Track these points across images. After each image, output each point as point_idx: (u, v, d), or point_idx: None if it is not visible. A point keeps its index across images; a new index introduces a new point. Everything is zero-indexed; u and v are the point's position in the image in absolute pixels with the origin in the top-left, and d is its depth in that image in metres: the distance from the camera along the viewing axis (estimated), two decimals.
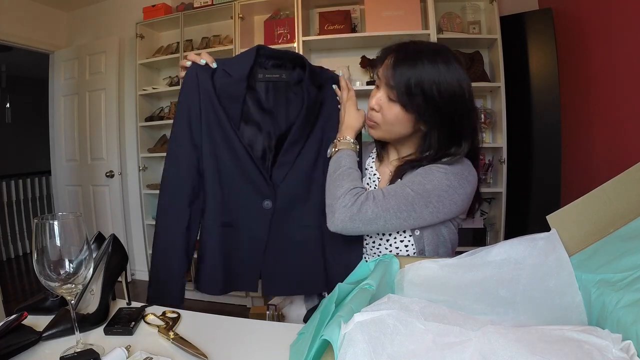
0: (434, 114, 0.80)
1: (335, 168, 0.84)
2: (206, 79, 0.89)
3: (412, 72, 0.77)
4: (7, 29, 2.93)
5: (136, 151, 3.02)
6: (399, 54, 0.81)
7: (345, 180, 0.81)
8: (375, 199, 0.78)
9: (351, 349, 0.40)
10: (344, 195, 0.78)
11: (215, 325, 0.74)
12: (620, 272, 0.52)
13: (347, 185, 0.80)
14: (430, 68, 0.77)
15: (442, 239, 0.86)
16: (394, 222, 0.79)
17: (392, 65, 0.80)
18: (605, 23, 1.99)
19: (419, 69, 0.77)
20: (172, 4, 2.93)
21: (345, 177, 0.81)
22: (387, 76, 0.80)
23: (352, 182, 0.81)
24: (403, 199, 0.78)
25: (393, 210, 0.77)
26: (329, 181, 0.84)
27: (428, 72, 0.77)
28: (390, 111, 0.82)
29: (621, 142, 1.91)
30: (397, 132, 0.86)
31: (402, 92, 0.78)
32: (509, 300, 0.62)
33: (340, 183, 0.81)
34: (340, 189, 0.79)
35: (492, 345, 0.40)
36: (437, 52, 0.80)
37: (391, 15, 2.36)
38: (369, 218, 0.77)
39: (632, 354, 0.40)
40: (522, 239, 0.66)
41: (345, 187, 0.79)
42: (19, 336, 0.62)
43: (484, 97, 2.54)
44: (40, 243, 0.56)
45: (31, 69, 4.12)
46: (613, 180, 0.59)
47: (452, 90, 0.78)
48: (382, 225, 0.79)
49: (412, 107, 0.79)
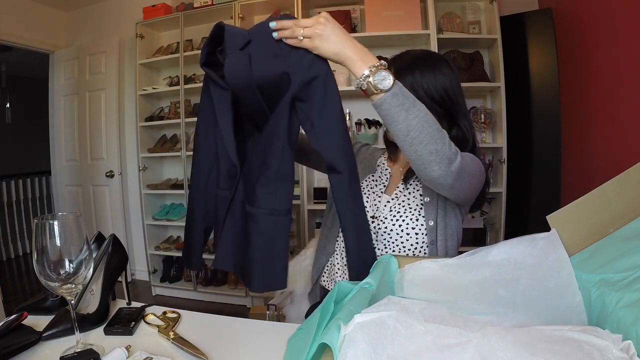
0: (438, 109, 0.86)
1: (414, 103, 0.67)
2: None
3: (412, 77, 0.84)
4: (7, 29, 2.93)
5: (136, 151, 3.02)
6: (397, 65, 0.87)
7: (438, 124, 0.69)
8: (459, 154, 0.72)
9: (351, 349, 0.40)
10: (451, 144, 0.70)
11: (215, 325, 0.74)
12: (620, 272, 0.52)
13: (439, 126, 0.69)
14: (427, 71, 0.85)
15: (450, 232, 0.90)
16: (465, 188, 0.78)
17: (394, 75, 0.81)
18: (605, 23, 1.99)
19: (417, 74, 0.84)
20: (172, 4, 2.93)
21: (436, 121, 0.69)
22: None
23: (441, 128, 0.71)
24: (468, 166, 0.76)
25: (466, 171, 0.75)
26: (420, 122, 0.66)
27: (425, 75, 0.85)
28: None
29: (621, 142, 1.91)
30: None
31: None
32: (509, 300, 0.62)
33: (436, 125, 0.68)
34: (442, 132, 0.69)
35: (492, 346, 0.40)
36: (427, 57, 0.88)
37: (391, 15, 2.35)
38: (459, 172, 0.72)
39: (632, 354, 0.40)
40: (522, 239, 0.66)
41: (447, 136, 0.70)
42: (19, 336, 0.62)
43: (484, 97, 2.54)
44: (40, 243, 0.56)
45: (31, 69, 4.12)
46: (613, 180, 0.59)
47: (446, 86, 0.86)
48: (458, 189, 0.76)
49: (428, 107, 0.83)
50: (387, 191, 0.96)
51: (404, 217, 0.90)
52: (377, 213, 0.94)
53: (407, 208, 0.91)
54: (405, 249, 0.90)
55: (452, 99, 0.87)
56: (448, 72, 0.87)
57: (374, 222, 0.93)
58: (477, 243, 2.38)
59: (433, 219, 0.89)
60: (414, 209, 0.91)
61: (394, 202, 0.93)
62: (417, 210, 0.90)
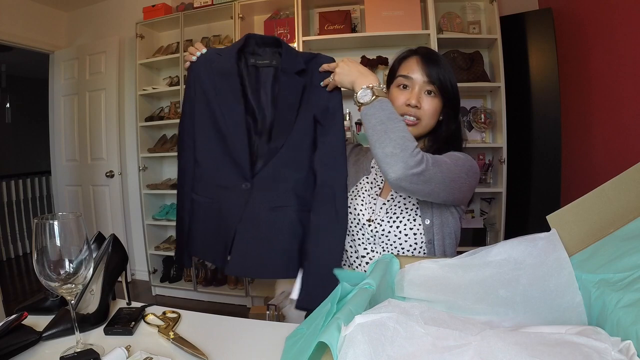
0: (453, 101, 0.94)
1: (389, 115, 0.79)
2: (207, 67, 0.95)
3: (439, 69, 0.91)
4: (7, 29, 2.93)
5: (136, 151, 3.02)
6: (423, 55, 0.93)
7: (407, 132, 0.78)
8: (433, 163, 0.78)
9: (352, 350, 0.40)
10: (414, 150, 0.76)
11: (215, 325, 0.74)
12: (620, 272, 0.52)
13: (412, 139, 0.77)
14: (447, 65, 0.92)
15: (447, 231, 0.90)
16: (441, 192, 0.82)
17: (424, 63, 0.91)
18: (605, 23, 1.99)
19: (442, 67, 0.91)
20: (172, 4, 2.93)
21: (407, 133, 0.78)
22: (425, 73, 0.91)
23: (412, 137, 0.78)
24: (448, 171, 0.81)
25: (444, 179, 0.80)
26: (384, 128, 0.78)
27: (447, 69, 0.92)
28: (430, 104, 0.92)
29: (621, 142, 1.91)
30: (431, 124, 0.94)
31: (440, 85, 0.90)
32: (509, 300, 0.62)
33: (405, 135, 0.77)
34: (409, 142, 0.76)
35: (492, 349, 0.40)
36: (440, 55, 0.98)
37: (391, 15, 2.35)
38: (427, 179, 0.77)
39: (632, 354, 0.40)
40: (522, 239, 0.66)
41: (412, 142, 0.77)
42: (19, 336, 0.62)
43: (484, 97, 2.54)
44: (40, 243, 0.56)
45: (31, 69, 4.12)
46: (613, 180, 0.59)
47: (454, 82, 0.93)
48: (429, 192, 0.80)
49: (446, 98, 0.92)
50: (382, 194, 0.96)
51: (401, 219, 0.90)
52: (373, 216, 0.93)
53: (403, 209, 0.91)
54: (404, 250, 0.90)
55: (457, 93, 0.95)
56: (450, 68, 0.94)
57: (371, 225, 0.93)
58: (477, 243, 2.38)
59: (429, 218, 0.89)
60: (410, 209, 0.91)
61: (390, 204, 0.92)
62: (413, 210, 0.90)
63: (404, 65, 0.94)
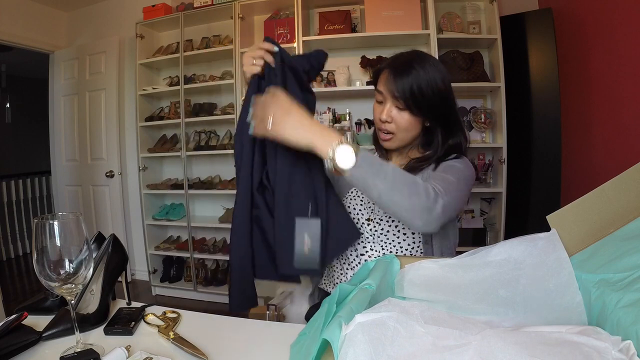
0: (433, 109, 0.89)
1: (379, 167, 0.71)
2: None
3: (409, 79, 0.85)
4: (7, 29, 2.93)
5: (136, 151, 3.02)
6: (393, 68, 0.88)
7: (410, 177, 0.73)
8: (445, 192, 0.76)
9: (352, 349, 0.40)
10: (425, 190, 0.72)
11: (215, 325, 0.74)
12: (620, 272, 0.52)
13: (412, 179, 0.73)
14: (422, 72, 0.86)
15: (444, 231, 0.91)
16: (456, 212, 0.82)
17: (392, 78, 0.87)
18: (605, 23, 1.99)
19: (414, 75, 0.85)
20: (172, 4, 2.93)
21: (408, 175, 0.74)
22: (391, 89, 0.87)
23: (416, 179, 0.74)
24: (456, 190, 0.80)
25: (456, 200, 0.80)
26: (387, 185, 0.70)
27: (421, 76, 0.86)
28: (401, 119, 0.89)
29: (621, 142, 1.91)
30: (410, 137, 0.93)
31: (407, 99, 0.86)
32: (509, 300, 0.62)
33: (407, 179, 0.72)
34: (415, 185, 0.72)
35: (492, 348, 0.40)
36: (421, 58, 0.89)
37: (391, 15, 2.35)
38: (445, 209, 0.74)
39: (632, 354, 0.40)
40: (522, 239, 0.66)
41: (416, 181, 0.73)
42: (19, 336, 0.62)
43: (484, 97, 2.54)
44: (40, 243, 0.56)
45: (31, 69, 4.12)
46: (613, 180, 0.60)
47: (439, 86, 0.87)
48: (450, 217, 0.79)
49: (418, 109, 0.88)
50: None
51: None
52: (372, 215, 0.94)
53: None
54: (402, 249, 0.90)
55: (450, 95, 0.90)
56: (442, 68, 0.90)
57: (370, 224, 0.93)
58: (477, 243, 2.38)
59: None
60: None
61: None
62: None
63: (380, 78, 0.92)
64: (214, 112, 2.83)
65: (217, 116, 2.77)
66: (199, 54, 2.78)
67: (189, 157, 2.91)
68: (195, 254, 2.87)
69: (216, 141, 2.90)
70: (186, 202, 2.88)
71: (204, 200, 3.05)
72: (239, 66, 2.59)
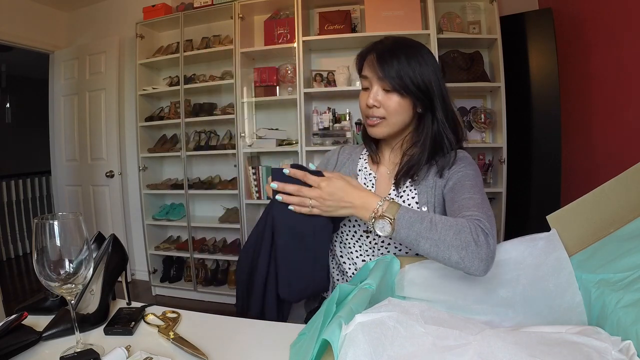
0: (423, 94, 0.84)
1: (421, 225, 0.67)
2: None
3: (395, 61, 0.82)
4: (7, 29, 2.93)
5: (136, 151, 3.02)
6: (378, 51, 0.85)
7: (453, 226, 0.67)
8: (488, 227, 0.69)
9: (352, 349, 0.40)
10: (471, 234, 0.65)
11: (215, 325, 0.74)
12: (620, 272, 0.52)
13: (456, 225, 0.67)
14: (410, 55, 0.83)
15: None
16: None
17: (377, 60, 0.84)
18: (605, 23, 1.99)
19: (402, 58, 0.83)
20: (172, 4, 2.93)
21: (451, 224, 0.68)
22: (376, 71, 0.84)
23: (459, 225, 0.67)
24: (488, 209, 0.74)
25: (493, 219, 0.73)
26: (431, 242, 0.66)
27: (409, 59, 0.83)
28: (390, 101, 0.85)
29: (621, 142, 1.91)
30: (401, 122, 0.88)
31: (393, 79, 0.82)
32: (509, 300, 0.62)
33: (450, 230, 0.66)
34: (461, 233, 0.66)
35: (492, 348, 0.40)
36: (408, 44, 0.87)
37: (391, 15, 2.35)
38: (495, 240, 0.68)
39: (632, 354, 0.40)
40: (522, 239, 0.66)
41: (462, 229, 0.66)
42: (19, 336, 0.62)
43: (484, 97, 2.54)
44: (40, 243, 0.56)
45: (31, 69, 4.12)
46: (613, 180, 0.60)
47: (429, 73, 0.84)
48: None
49: (407, 91, 0.83)
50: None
51: None
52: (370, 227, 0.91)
53: None
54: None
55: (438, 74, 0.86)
56: (432, 61, 0.86)
57: (369, 236, 0.90)
58: None
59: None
60: None
61: None
62: None
63: (365, 64, 0.88)
64: (214, 112, 2.83)
65: (217, 116, 2.77)
66: (199, 54, 2.78)
67: (189, 157, 2.91)
68: (195, 254, 2.87)
69: (216, 141, 2.90)
70: (186, 202, 2.88)
71: (204, 200, 3.05)
72: (239, 66, 2.59)
